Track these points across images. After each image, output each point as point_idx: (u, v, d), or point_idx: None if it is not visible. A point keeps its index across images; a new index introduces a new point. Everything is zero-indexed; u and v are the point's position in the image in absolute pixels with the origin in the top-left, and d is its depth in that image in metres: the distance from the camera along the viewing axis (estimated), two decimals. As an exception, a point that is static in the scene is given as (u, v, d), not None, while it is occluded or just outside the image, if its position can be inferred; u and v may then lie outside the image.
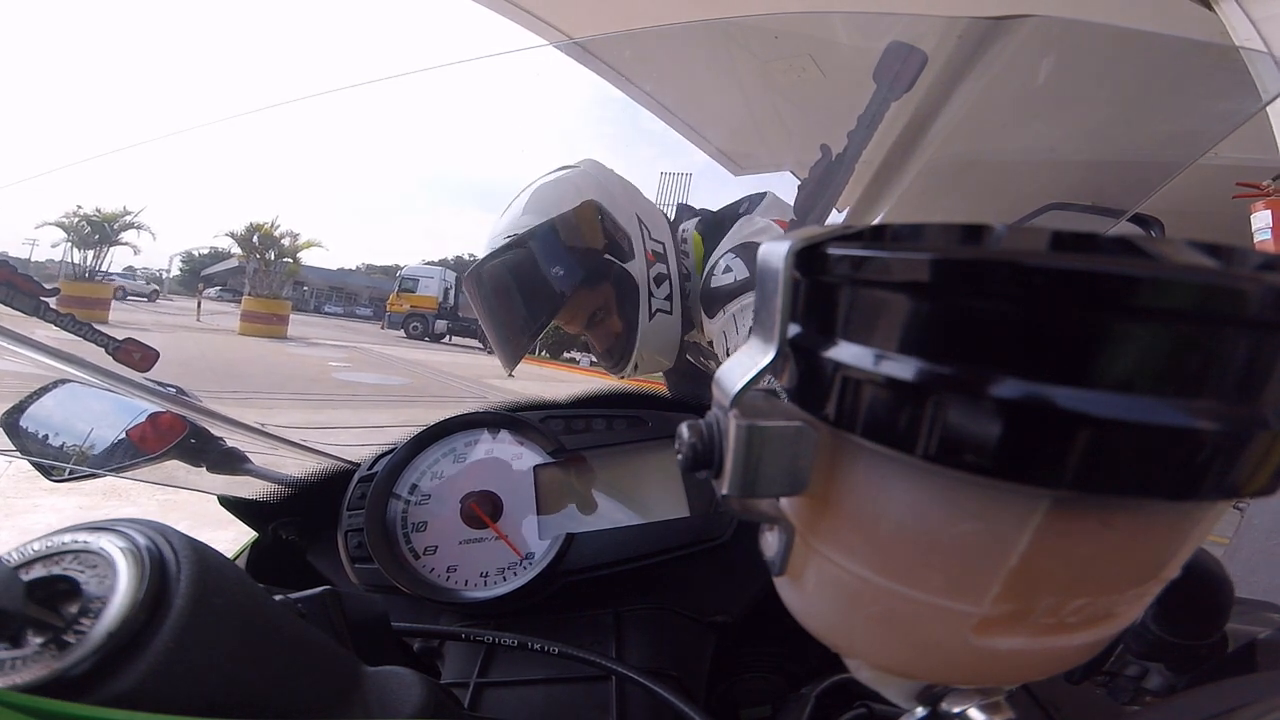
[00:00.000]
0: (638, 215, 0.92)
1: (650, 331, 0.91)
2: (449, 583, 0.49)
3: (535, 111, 25.93)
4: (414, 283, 10.17)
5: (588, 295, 0.90)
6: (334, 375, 3.79)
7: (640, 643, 0.46)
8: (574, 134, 29.61)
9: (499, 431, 0.56)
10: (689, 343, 1.00)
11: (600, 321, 0.95)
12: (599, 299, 0.92)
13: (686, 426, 0.20)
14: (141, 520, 0.23)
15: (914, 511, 0.17)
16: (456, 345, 8.71)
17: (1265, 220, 1.99)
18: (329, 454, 0.59)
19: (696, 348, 1.02)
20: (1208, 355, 0.13)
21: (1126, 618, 0.18)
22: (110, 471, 0.57)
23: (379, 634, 0.35)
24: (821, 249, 0.17)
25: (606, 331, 0.96)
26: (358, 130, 15.99)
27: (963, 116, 0.79)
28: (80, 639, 0.19)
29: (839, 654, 0.22)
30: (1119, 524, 0.15)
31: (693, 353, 1.03)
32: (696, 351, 1.03)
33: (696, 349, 1.02)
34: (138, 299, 6.00)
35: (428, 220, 18.61)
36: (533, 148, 17.60)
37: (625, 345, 0.93)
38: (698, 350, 1.03)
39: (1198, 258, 0.14)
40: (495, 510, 0.52)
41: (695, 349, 1.02)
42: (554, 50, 1.25)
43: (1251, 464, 0.14)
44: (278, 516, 0.56)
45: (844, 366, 0.16)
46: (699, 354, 1.03)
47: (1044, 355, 0.13)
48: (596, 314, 0.94)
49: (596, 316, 0.94)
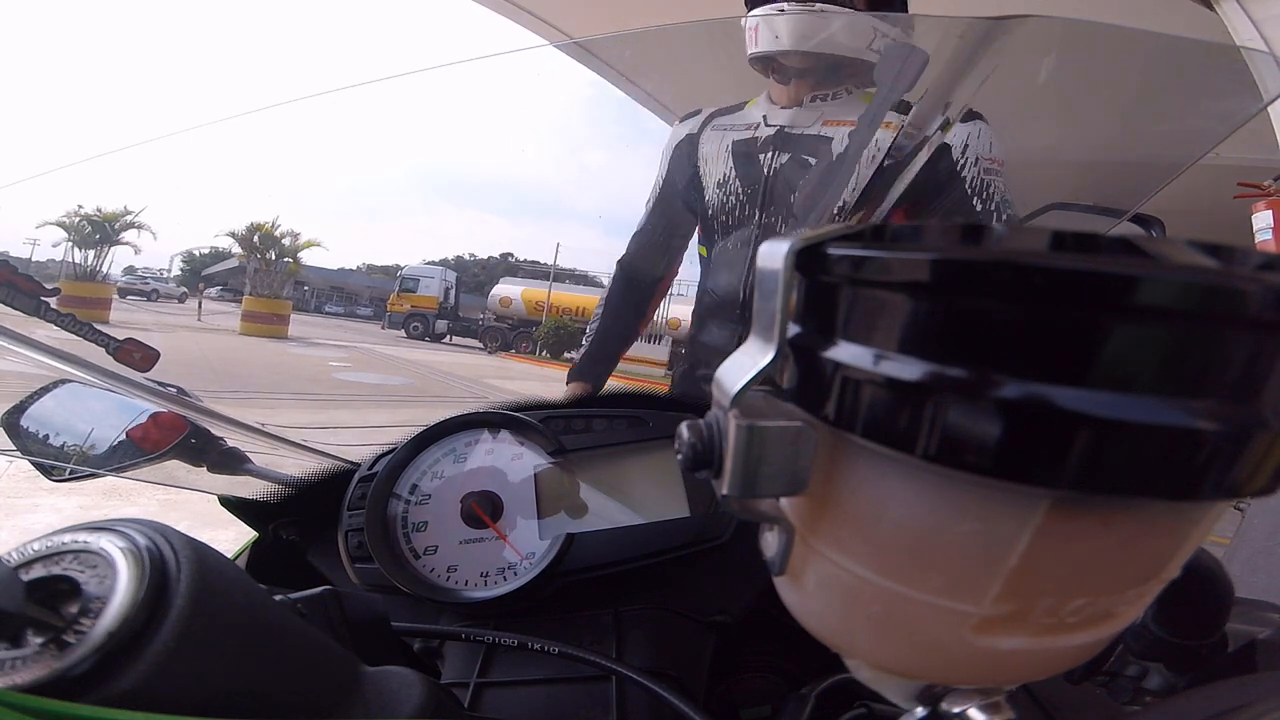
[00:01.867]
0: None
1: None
2: (449, 583, 0.49)
3: (535, 111, 26.24)
4: (414, 282, 10.17)
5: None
6: (334, 375, 3.79)
7: (640, 643, 0.46)
8: (574, 134, 29.39)
9: (499, 431, 0.56)
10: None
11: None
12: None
13: (686, 426, 0.20)
14: (141, 520, 0.23)
15: (914, 511, 0.17)
16: (457, 345, 8.72)
17: (1266, 220, 1.99)
18: (329, 454, 0.59)
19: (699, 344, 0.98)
20: (1208, 355, 0.13)
21: (1126, 618, 0.18)
22: (110, 471, 0.57)
23: (379, 634, 0.35)
24: (821, 249, 0.17)
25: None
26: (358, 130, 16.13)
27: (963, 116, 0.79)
28: (80, 639, 0.19)
29: (839, 654, 0.22)
30: (1119, 524, 0.15)
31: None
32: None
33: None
34: (169, 300, 6.09)
35: (428, 220, 18.40)
36: (533, 147, 17.81)
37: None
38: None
39: (1198, 258, 0.14)
40: (495, 510, 0.52)
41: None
42: (554, 50, 1.25)
43: (1251, 464, 0.14)
44: (278, 516, 0.56)
45: (844, 366, 0.16)
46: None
47: (1044, 355, 0.13)
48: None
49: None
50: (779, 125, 0.82)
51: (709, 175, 0.86)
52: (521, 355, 9.05)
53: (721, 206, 0.86)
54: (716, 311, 0.89)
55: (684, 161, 0.90)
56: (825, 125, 0.80)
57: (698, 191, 0.88)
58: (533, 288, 11.98)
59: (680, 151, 0.90)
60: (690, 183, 0.89)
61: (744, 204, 0.85)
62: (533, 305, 12.72)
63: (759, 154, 0.84)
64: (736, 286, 0.84)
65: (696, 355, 0.93)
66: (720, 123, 0.87)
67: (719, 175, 0.85)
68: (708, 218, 0.89)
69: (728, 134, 0.85)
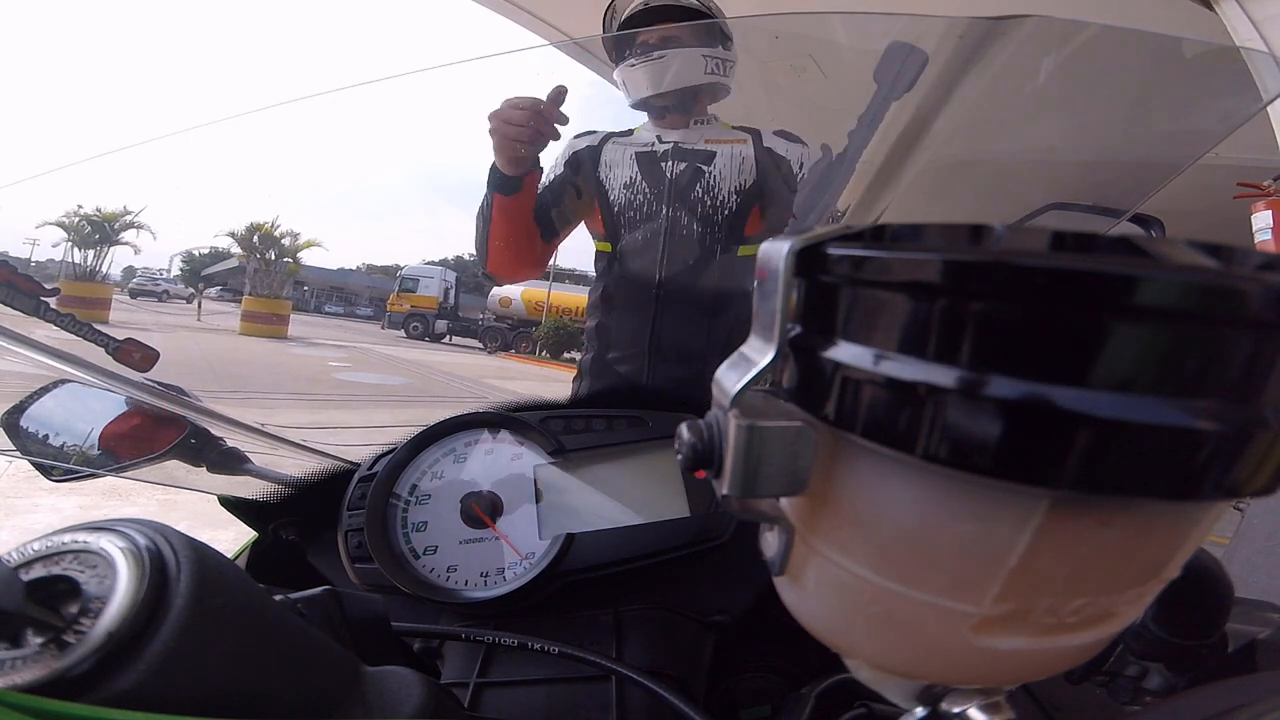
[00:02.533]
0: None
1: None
2: (449, 583, 0.49)
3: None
4: (414, 283, 10.18)
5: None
6: (334, 375, 3.79)
7: (640, 643, 0.46)
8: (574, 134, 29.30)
9: (499, 431, 0.56)
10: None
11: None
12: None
13: (686, 426, 0.20)
14: (141, 520, 0.23)
15: (914, 511, 0.17)
16: (456, 345, 8.72)
17: (1266, 220, 1.99)
18: (329, 454, 0.59)
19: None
20: (1208, 355, 0.13)
21: (1126, 618, 0.18)
22: (110, 471, 0.57)
23: (379, 634, 0.35)
24: (821, 249, 0.17)
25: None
26: (358, 130, 15.93)
27: (963, 116, 0.79)
28: (80, 639, 0.19)
29: (839, 654, 0.22)
30: (1119, 524, 0.15)
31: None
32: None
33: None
34: (178, 300, 6.12)
35: (428, 220, 18.36)
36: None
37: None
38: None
39: (1198, 258, 0.14)
40: (495, 510, 0.52)
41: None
42: (554, 50, 1.25)
43: (1251, 464, 0.14)
44: (278, 516, 0.56)
45: (844, 366, 0.16)
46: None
47: (1044, 355, 0.13)
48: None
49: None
50: (673, 142, 1.01)
51: (614, 179, 1.03)
52: (521, 355, 9.05)
53: (629, 203, 1.02)
54: (627, 296, 1.03)
55: (575, 169, 1.06)
56: (707, 142, 1.01)
57: (592, 198, 1.05)
58: (532, 288, 11.99)
59: (574, 161, 1.06)
60: (574, 187, 1.05)
61: (651, 200, 1.01)
62: (533, 305, 12.74)
63: (660, 162, 1.02)
64: (650, 270, 0.99)
65: (607, 340, 1.04)
66: (618, 140, 1.06)
67: (625, 178, 1.02)
68: (613, 215, 1.04)
69: (628, 148, 1.03)
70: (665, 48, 0.97)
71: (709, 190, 0.98)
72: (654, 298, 0.98)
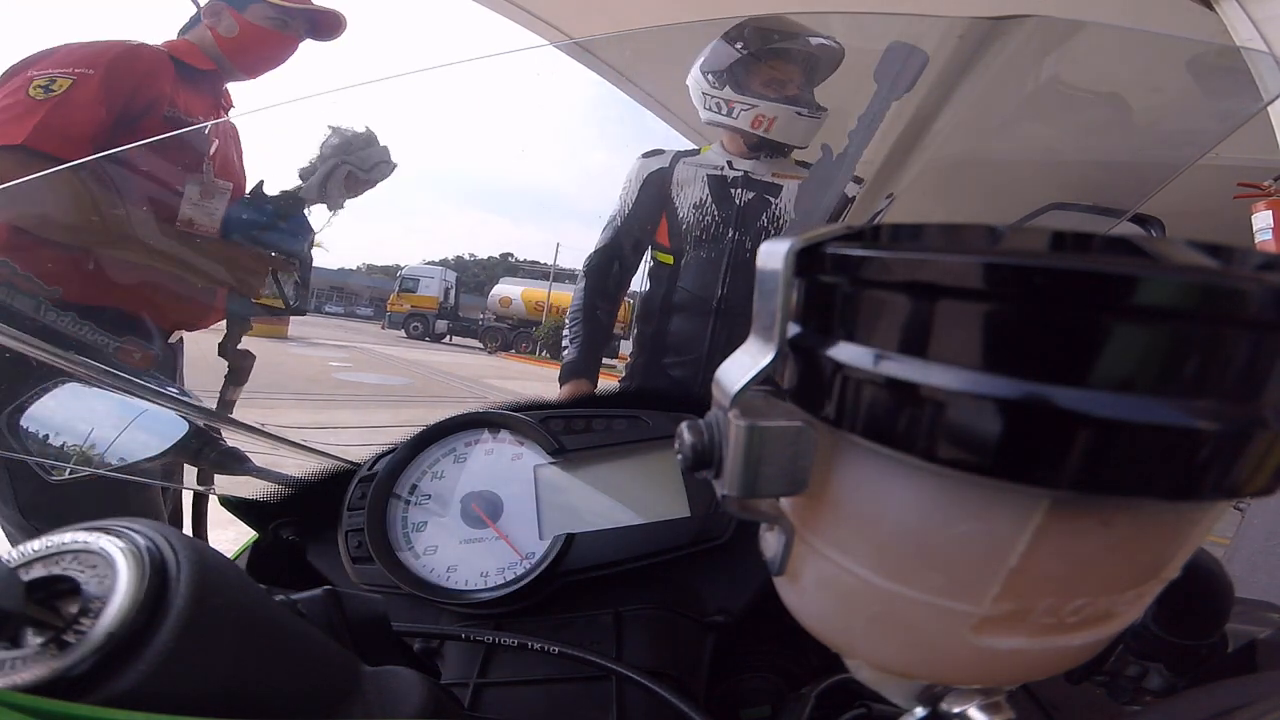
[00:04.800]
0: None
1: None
2: (449, 583, 0.49)
3: (536, 111, 25.77)
4: (414, 283, 10.16)
5: None
6: (334, 375, 3.78)
7: (640, 643, 0.46)
8: (574, 134, 29.20)
9: (499, 431, 0.56)
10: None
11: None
12: None
13: (686, 426, 0.20)
14: (141, 520, 0.23)
15: (914, 511, 0.17)
16: (456, 345, 8.71)
17: (1266, 221, 1.98)
18: (329, 454, 0.59)
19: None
20: (1208, 355, 0.13)
21: (1126, 618, 0.18)
22: (110, 471, 0.57)
23: (379, 634, 0.35)
24: (821, 249, 0.17)
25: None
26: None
27: (963, 116, 0.79)
28: (80, 639, 0.19)
29: (839, 654, 0.22)
30: (1119, 524, 0.15)
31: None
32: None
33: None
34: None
35: (428, 220, 18.38)
36: (533, 147, 17.42)
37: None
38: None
39: (1198, 257, 0.14)
40: (495, 510, 0.52)
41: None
42: (554, 50, 1.26)
43: (1251, 464, 0.14)
44: (278, 516, 0.56)
45: (844, 367, 0.16)
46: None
47: (1044, 355, 0.13)
48: None
49: None
50: (744, 170, 1.08)
51: (684, 198, 1.09)
52: (521, 355, 9.03)
53: (697, 222, 1.09)
54: (687, 306, 1.10)
55: (654, 190, 1.12)
56: (774, 176, 1.09)
57: (661, 213, 1.11)
58: (532, 288, 11.99)
59: (651, 181, 1.12)
60: (655, 206, 1.11)
61: (718, 222, 1.09)
62: (532, 305, 12.73)
63: (730, 188, 1.09)
64: (712, 285, 1.07)
65: (662, 345, 1.12)
66: (689, 160, 1.11)
67: (696, 199, 1.08)
68: (680, 231, 1.10)
69: (700, 169, 1.09)
70: (811, 108, 1.01)
71: (773, 220, 1.06)
72: (714, 310, 1.06)
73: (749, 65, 1.01)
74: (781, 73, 1.00)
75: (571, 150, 18.23)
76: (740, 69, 1.01)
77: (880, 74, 0.74)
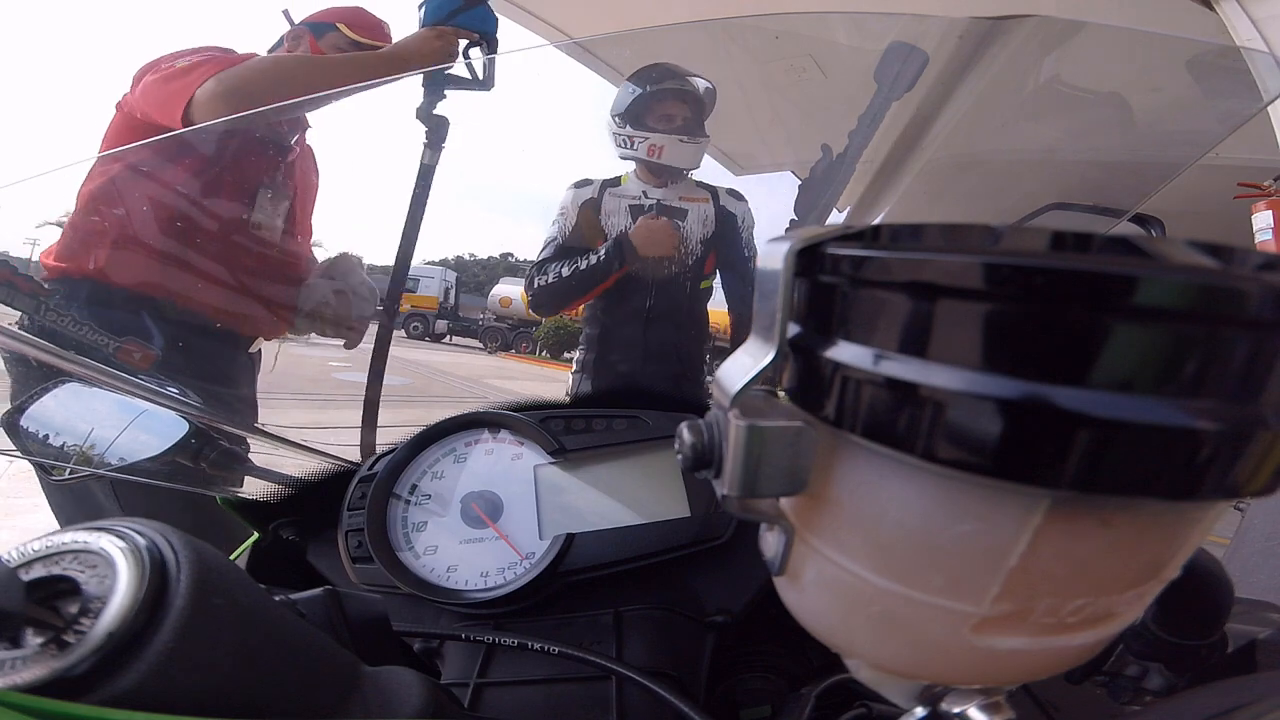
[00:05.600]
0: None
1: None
2: (449, 583, 0.49)
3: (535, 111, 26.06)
4: (414, 283, 10.14)
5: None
6: (334, 375, 3.78)
7: (640, 643, 0.46)
8: (574, 134, 29.02)
9: (499, 431, 0.56)
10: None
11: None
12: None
13: (687, 426, 0.20)
14: (141, 520, 0.23)
15: (914, 511, 0.17)
16: (457, 345, 8.71)
17: (1266, 220, 1.98)
18: (329, 454, 0.59)
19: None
20: (1208, 355, 0.13)
21: (1126, 618, 0.18)
22: (111, 471, 0.57)
23: (379, 634, 0.35)
24: (821, 249, 0.17)
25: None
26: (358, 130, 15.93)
27: (963, 116, 0.79)
28: (80, 639, 0.19)
29: (839, 654, 0.22)
30: (1119, 524, 0.15)
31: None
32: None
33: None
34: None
35: (428, 220, 18.65)
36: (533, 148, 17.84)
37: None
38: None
39: (1198, 258, 0.14)
40: (495, 510, 0.52)
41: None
42: (554, 50, 1.27)
43: (1251, 464, 0.14)
44: (278, 516, 0.56)
45: (844, 366, 0.16)
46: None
47: (1044, 355, 0.13)
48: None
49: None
50: (656, 199, 1.29)
51: (612, 226, 1.29)
52: (521, 355, 9.03)
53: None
54: (623, 314, 1.29)
55: (588, 217, 1.31)
56: (681, 200, 1.29)
57: (597, 238, 1.29)
58: (532, 288, 11.93)
59: (583, 210, 1.32)
60: (590, 233, 1.30)
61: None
62: (533, 305, 12.68)
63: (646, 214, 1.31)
64: (643, 296, 1.27)
65: (608, 346, 1.30)
66: (614, 191, 1.33)
67: (622, 226, 1.28)
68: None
69: (623, 200, 1.31)
70: (692, 134, 1.22)
71: (683, 239, 1.27)
72: (645, 318, 1.28)
73: (644, 104, 1.22)
74: (669, 109, 1.22)
75: (571, 150, 18.41)
76: (637, 107, 1.23)
77: (880, 74, 0.74)
